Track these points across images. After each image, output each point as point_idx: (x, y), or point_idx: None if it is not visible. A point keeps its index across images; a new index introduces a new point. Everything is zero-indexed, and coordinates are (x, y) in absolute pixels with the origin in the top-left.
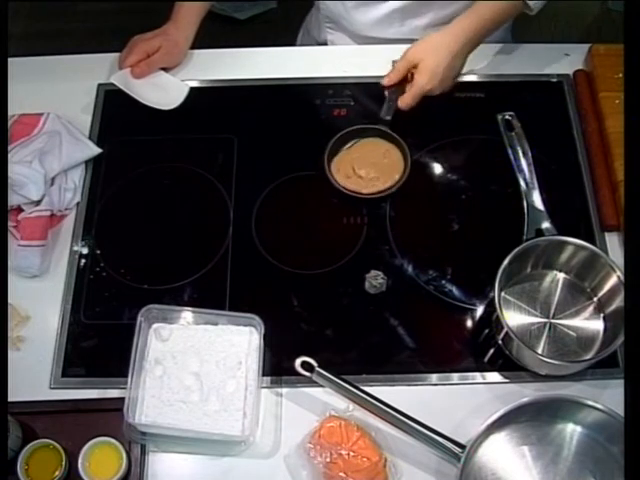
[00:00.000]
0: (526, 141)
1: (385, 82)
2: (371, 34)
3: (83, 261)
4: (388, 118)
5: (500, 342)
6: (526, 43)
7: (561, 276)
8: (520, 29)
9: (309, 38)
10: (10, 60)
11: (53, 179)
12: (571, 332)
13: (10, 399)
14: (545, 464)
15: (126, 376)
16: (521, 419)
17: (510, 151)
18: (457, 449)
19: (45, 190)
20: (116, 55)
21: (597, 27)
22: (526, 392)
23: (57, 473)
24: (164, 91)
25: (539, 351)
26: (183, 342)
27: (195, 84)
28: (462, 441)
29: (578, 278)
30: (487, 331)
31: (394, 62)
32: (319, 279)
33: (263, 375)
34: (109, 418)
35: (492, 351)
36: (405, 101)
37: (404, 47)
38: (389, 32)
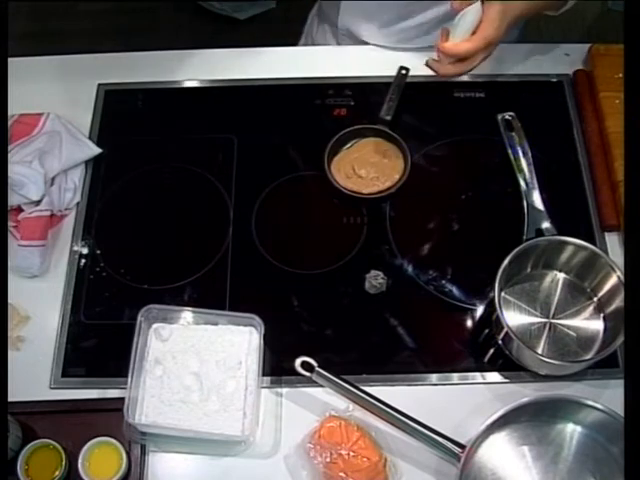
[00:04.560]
0: (526, 141)
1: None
2: (393, 45)
3: (83, 261)
4: (388, 118)
5: (500, 342)
6: (526, 43)
7: (561, 276)
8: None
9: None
10: (10, 60)
11: (53, 179)
12: (571, 332)
13: (10, 399)
14: (545, 464)
15: (126, 376)
16: (521, 419)
17: (510, 151)
18: (457, 449)
19: (45, 190)
20: (116, 55)
21: (597, 27)
22: (526, 392)
23: (57, 473)
24: None
25: (539, 351)
26: (183, 342)
27: (195, 84)
28: (462, 441)
29: (578, 278)
30: (487, 331)
31: None
32: (319, 279)
33: (263, 375)
34: (109, 418)
35: (492, 351)
36: (461, 49)
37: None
38: (414, 42)
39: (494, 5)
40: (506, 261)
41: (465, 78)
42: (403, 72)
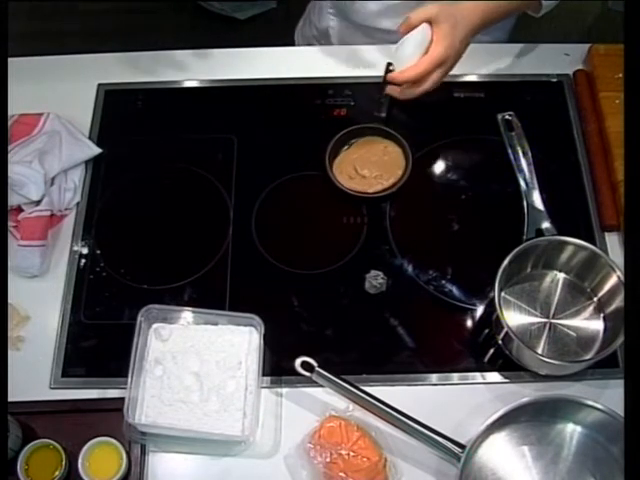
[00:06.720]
0: (526, 141)
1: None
2: (375, 24)
3: (83, 261)
4: (382, 115)
5: (500, 342)
6: (526, 43)
7: (561, 276)
8: (520, 29)
9: (310, 26)
10: (10, 60)
11: (53, 179)
12: (571, 332)
13: (10, 399)
14: (545, 464)
15: (126, 376)
16: (521, 419)
17: (510, 151)
18: (457, 449)
19: (45, 190)
20: (116, 55)
21: (597, 27)
22: (526, 392)
23: (57, 473)
24: None
25: (539, 351)
26: (183, 342)
27: (195, 84)
28: (462, 441)
29: (578, 278)
30: (487, 331)
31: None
32: (319, 279)
33: (263, 375)
34: (109, 418)
35: (492, 351)
36: (407, 75)
37: None
38: (395, 22)
39: (441, 25)
40: (506, 261)
41: (465, 78)
42: (391, 68)
